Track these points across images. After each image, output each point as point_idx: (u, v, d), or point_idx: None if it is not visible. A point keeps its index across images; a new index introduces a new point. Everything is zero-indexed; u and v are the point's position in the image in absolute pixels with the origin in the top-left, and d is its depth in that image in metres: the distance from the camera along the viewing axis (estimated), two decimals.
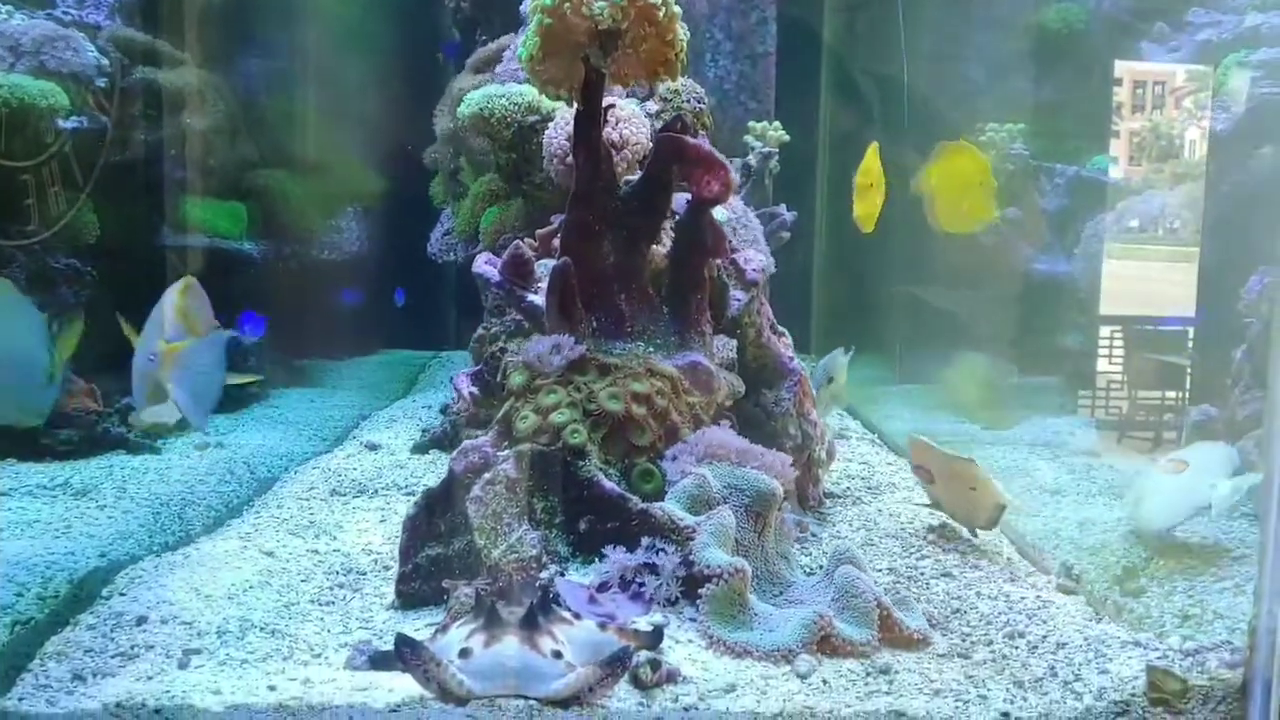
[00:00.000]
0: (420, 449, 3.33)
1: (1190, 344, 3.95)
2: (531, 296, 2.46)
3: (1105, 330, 4.31)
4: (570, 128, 2.81)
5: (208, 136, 3.86)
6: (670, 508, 1.96)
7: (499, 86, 3.09)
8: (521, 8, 3.81)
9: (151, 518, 2.56)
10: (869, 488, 3.15)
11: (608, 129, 2.67)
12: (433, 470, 3.05)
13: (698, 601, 1.85)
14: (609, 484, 2.00)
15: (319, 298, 4.79)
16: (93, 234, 3.38)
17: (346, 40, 4.67)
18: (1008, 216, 4.85)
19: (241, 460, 3.16)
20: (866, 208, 3.12)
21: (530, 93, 3.08)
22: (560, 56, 2.24)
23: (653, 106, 3.11)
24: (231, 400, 3.84)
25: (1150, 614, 2.23)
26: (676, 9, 2.22)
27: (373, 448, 3.39)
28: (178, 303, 2.36)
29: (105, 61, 3.48)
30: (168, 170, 3.74)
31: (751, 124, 4.91)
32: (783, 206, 4.94)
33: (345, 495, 2.83)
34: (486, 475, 2.00)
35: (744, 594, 1.85)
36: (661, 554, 1.90)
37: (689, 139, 2.30)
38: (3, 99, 2.99)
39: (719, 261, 2.53)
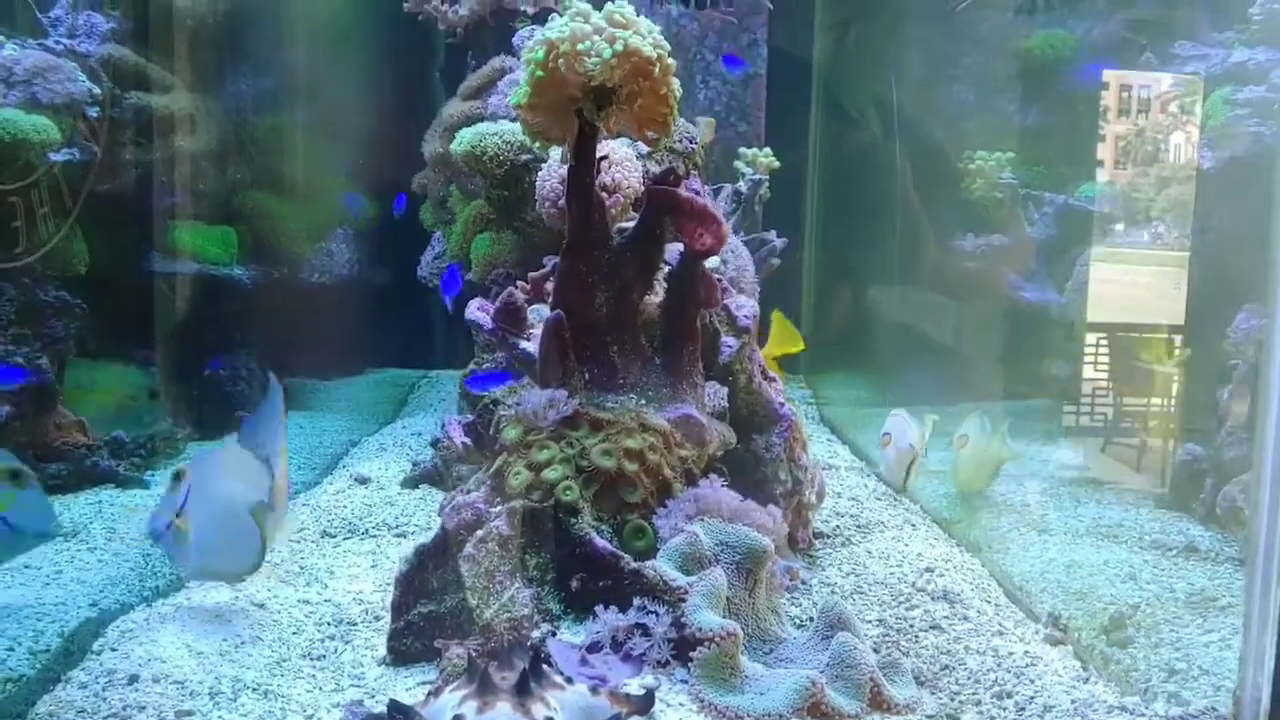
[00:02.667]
0: (410, 483, 3.34)
1: (1176, 352, 3.97)
2: (524, 344, 2.47)
3: (1091, 337, 4.34)
4: (562, 171, 2.83)
5: (198, 162, 3.85)
6: (662, 567, 1.96)
7: (491, 124, 3.09)
8: (515, 38, 3.82)
9: (142, 560, 2.56)
10: (858, 526, 3.16)
11: (599, 174, 2.67)
12: (423, 508, 3.05)
13: (689, 664, 1.86)
14: (601, 542, 2.01)
15: (308, 320, 4.78)
16: (82, 264, 3.37)
17: (336, 61, 4.67)
18: (993, 244, 4.89)
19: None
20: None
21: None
22: (553, 108, 2.25)
23: (644, 147, 3.11)
24: (218, 428, 3.83)
25: (1137, 666, 2.25)
26: (671, 63, 2.23)
27: (362, 481, 3.39)
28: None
29: (97, 90, 3.48)
30: (158, 197, 3.73)
31: (742, 150, 4.93)
32: (773, 233, 4.96)
33: (335, 536, 2.83)
34: (479, 533, 2.01)
35: (735, 657, 1.86)
36: (653, 615, 1.91)
37: (681, 192, 2.31)
38: None
39: None
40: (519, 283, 2.82)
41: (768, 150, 4.97)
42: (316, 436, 4.11)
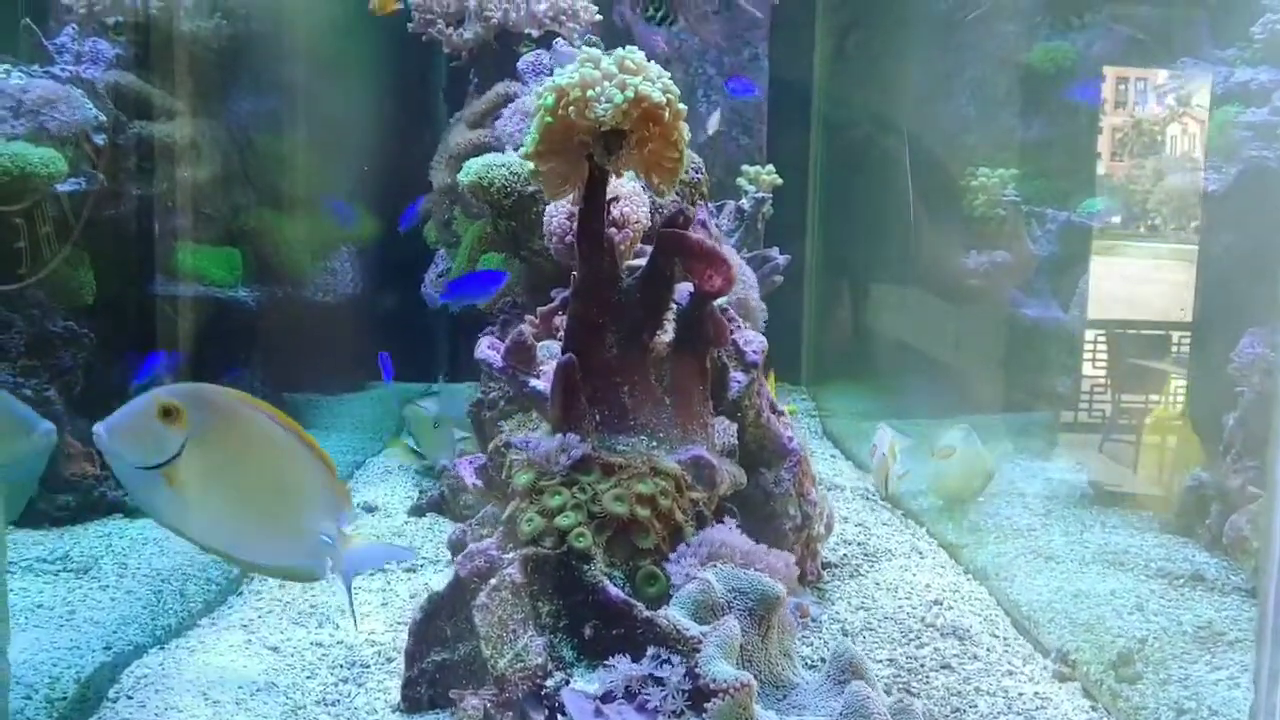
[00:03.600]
0: (417, 511, 3.35)
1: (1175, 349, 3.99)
2: (534, 382, 2.47)
3: (1090, 334, 4.35)
4: (570, 207, 2.83)
5: (204, 187, 3.86)
6: (675, 616, 1.97)
7: (498, 156, 3.09)
8: (520, 63, 3.82)
9: (154, 597, 2.57)
10: (865, 554, 3.17)
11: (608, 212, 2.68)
12: (431, 538, 3.06)
13: (703, 715, 1.86)
14: (614, 590, 2.01)
15: (312, 337, 4.80)
16: (90, 294, 3.37)
17: (339, 80, 4.67)
18: (996, 261, 4.89)
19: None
20: None
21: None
22: (563, 154, 2.25)
23: None
24: None
25: (1146, 704, 2.26)
26: (681, 108, 2.22)
27: (369, 509, 3.40)
28: None
29: (103, 118, 3.48)
30: (163, 222, 3.73)
31: (745, 168, 4.93)
32: (775, 249, 4.95)
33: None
34: (492, 581, 2.01)
35: (749, 708, 1.87)
36: (667, 665, 1.91)
37: (691, 235, 2.31)
38: (3, 168, 2.98)
39: None
40: (528, 317, 2.83)
41: (770, 167, 4.97)
42: None
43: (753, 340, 2.64)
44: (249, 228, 4.27)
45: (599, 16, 4.04)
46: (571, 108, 2.15)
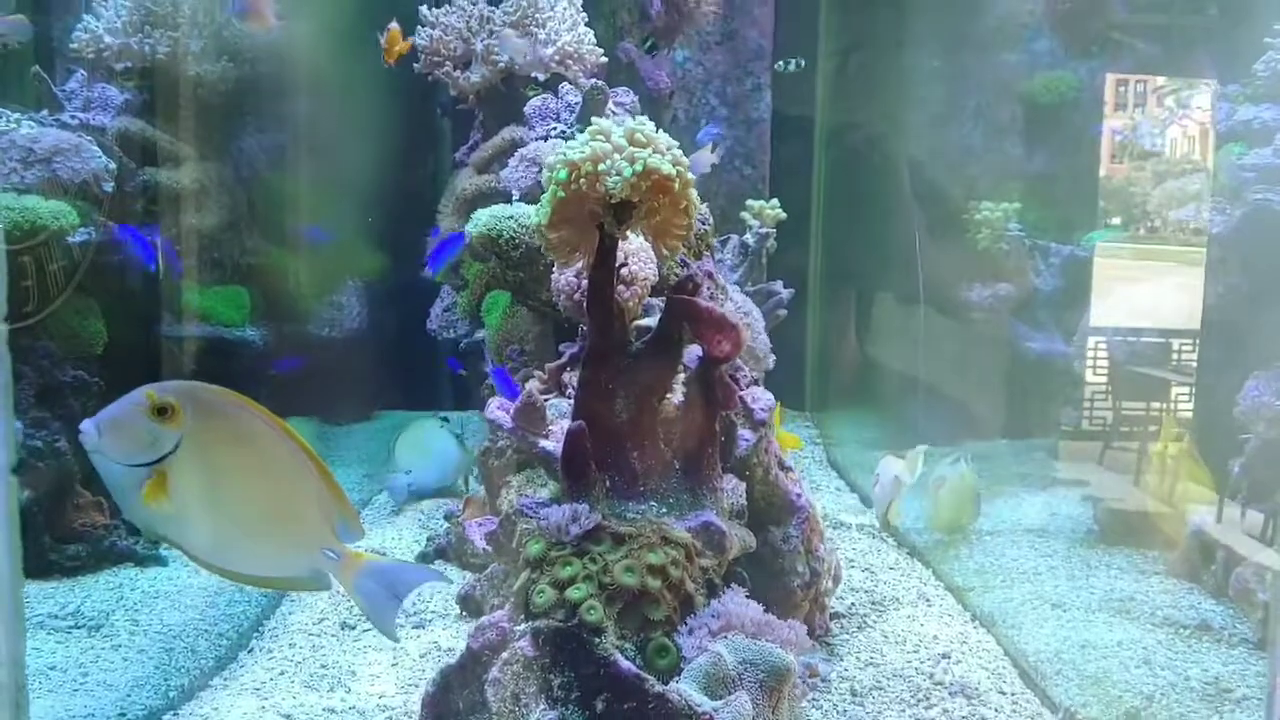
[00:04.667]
0: (425, 558, 3.36)
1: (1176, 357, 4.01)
2: (544, 443, 2.49)
3: (1090, 341, 4.37)
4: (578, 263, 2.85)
5: (211, 230, 3.88)
6: (687, 691, 1.98)
7: (505, 207, 3.11)
8: (526, 108, 3.84)
9: (165, 656, 2.59)
10: (873, 602, 3.18)
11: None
12: (439, 590, 3.07)
13: None
14: (625, 664, 2.02)
15: (320, 371, 4.82)
16: (100, 344, 3.39)
17: (345, 119, 4.70)
18: (1000, 294, 4.91)
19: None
20: None
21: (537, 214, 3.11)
22: (574, 223, 2.27)
23: None
24: None
25: None
26: (690, 177, 2.24)
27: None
28: None
29: (113, 165, 3.50)
30: (171, 267, 3.75)
31: (749, 203, 4.95)
32: (779, 283, 4.97)
33: (354, 628, 2.84)
34: (504, 655, 2.03)
35: None
36: None
37: (700, 301, 2.33)
38: (15, 222, 3.00)
39: None
40: (536, 373, 2.85)
41: (774, 202, 4.99)
42: None
43: (760, 398, 2.66)
44: (256, 266, 4.29)
45: (604, 59, 4.06)
46: (583, 181, 2.17)
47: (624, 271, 2.82)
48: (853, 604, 3.15)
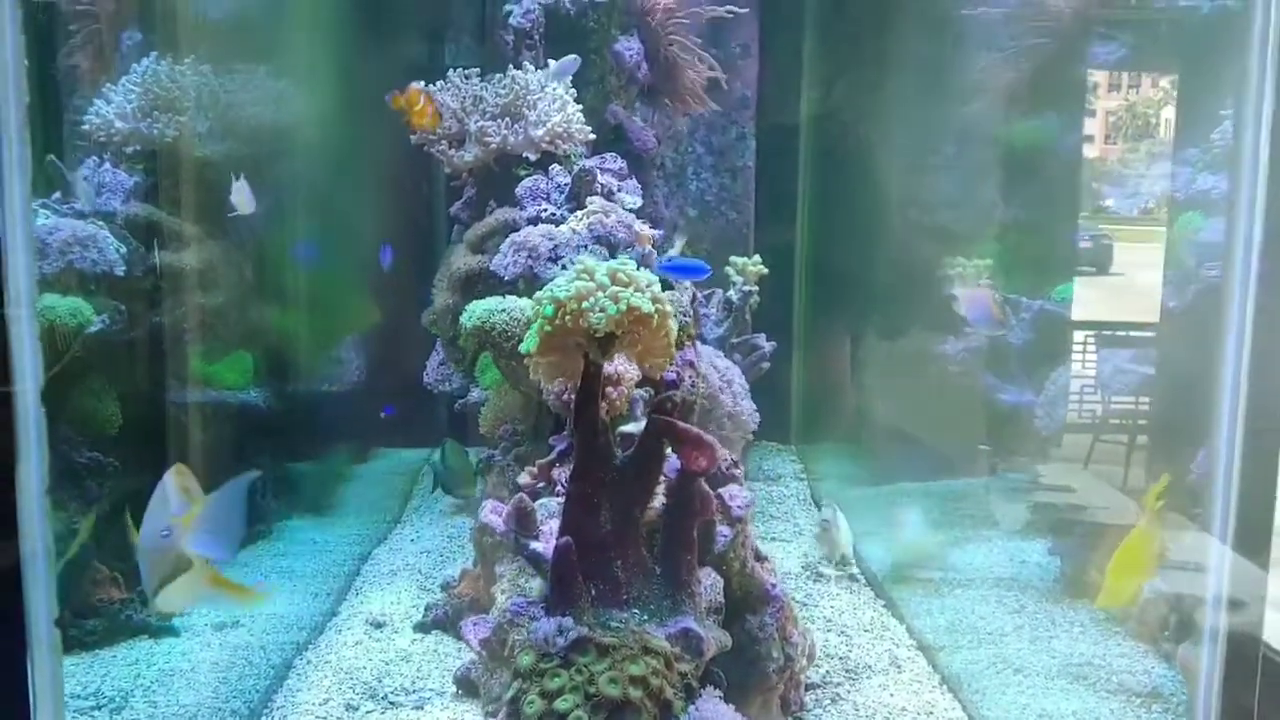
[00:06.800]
0: (423, 628, 3.54)
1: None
2: (534, 545, 2.68)
3: (1079, 336, 4.54)
4: None
5: (218, 307, 4.05)
6: None
7: (499, 300, 3.30)
8: (519, 189, 4.02)
9: None
10: (846, 670, 3.38)
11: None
12: (436, 664, 3.26)
13: None
14: None
15: (320, 422, 5.02)
16: (115, 425, 3.57)
17: (343, 185, 4.88)
18: (972, 347, 5.10)
19: (257, 646, 3.37)
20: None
21: (530, 307, 3.29)
22: (561, 352, 2.47)
23: None
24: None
25: None
26: (669, 309, 2.44)
27: (377, 625, 3.60)
28: (177, 482, 2.47)
29: (125, 250, 3.68)
30: (179, 343, 3.92)
31: (733, 259, 5.15)
32: (762, 336, 5.18)
33: (358, 709, 3.03)
34: None
35: None
36: None
37: (678, 423, 2.52)
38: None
39: None
40: (528, 469, 3.04)
41: (757, 258, 5.20)
42: (328, 552, 4.33)
43: (737, 496, 2.85)
44: (258, 330, 4.47)
45: (592, 136, 4.24)
46: (569, 317, 2.37)
47: (609, 371, 3.01)
48: (827, 672, 3.35)
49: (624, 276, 2.40)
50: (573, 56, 4.29)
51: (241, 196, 3.66)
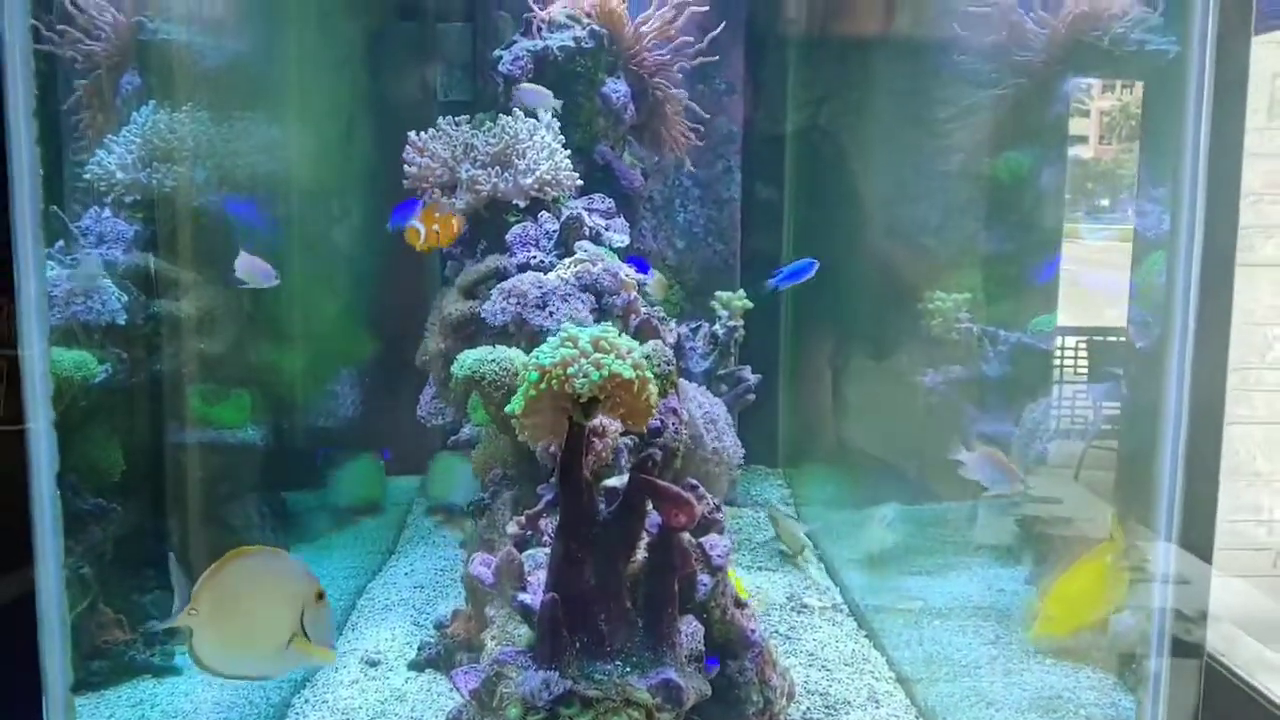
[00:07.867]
0: (417, 666, 3.67)
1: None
2: (522, 596, 2.80)
3: (1070, 340, 4.66)
4: None
5: (216, 351, 4.16)
6: None
7: (489, 350, 3.41)
8: (509, 235, 4.15)
9: None
10: (826, 707, 3.51)
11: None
12: (430, 703, 3.38)
13: None
14: None
15: (315, 455, 5.14)
16: (118, 472, 3.68)
17: (339, 231, 5.01)
18: (951, 378, 5.23)
19: (257, 685, 3.48)
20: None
21: (519, 357, 3.42)
22: (545, 414, 2.60)
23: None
24: None
25: None
26: (649, 375, 2.57)
27: (372, 664, 3.72)
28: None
29: (126, 299, 3.79)
30: (178, 387, 4.04)
31: (718, 294, 5.28)
32: (748, 368, 5.30)
33: None
34: None
35: None
36: None
37: (659, 481, 2.64)
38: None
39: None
40: (516, 519, 3.16)
41: (741, 293, 5.33)
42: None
43: (717, 545, 2.97)
44: (256, 370, 4.58)
45: (580, 181, 4.37)
46: (553, 382, 2.50)
47: (595, 424, 3.14)
48: (807, 709, 3.48)
49: (606, 344, 2.52)
50: (547, 91, 4.44)
51: (250, 270, 3.77)
